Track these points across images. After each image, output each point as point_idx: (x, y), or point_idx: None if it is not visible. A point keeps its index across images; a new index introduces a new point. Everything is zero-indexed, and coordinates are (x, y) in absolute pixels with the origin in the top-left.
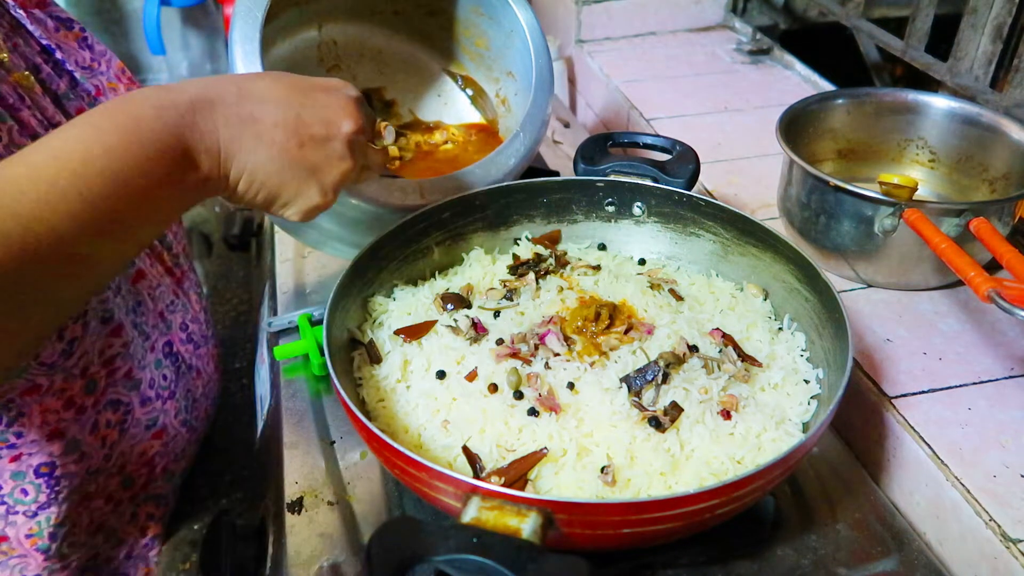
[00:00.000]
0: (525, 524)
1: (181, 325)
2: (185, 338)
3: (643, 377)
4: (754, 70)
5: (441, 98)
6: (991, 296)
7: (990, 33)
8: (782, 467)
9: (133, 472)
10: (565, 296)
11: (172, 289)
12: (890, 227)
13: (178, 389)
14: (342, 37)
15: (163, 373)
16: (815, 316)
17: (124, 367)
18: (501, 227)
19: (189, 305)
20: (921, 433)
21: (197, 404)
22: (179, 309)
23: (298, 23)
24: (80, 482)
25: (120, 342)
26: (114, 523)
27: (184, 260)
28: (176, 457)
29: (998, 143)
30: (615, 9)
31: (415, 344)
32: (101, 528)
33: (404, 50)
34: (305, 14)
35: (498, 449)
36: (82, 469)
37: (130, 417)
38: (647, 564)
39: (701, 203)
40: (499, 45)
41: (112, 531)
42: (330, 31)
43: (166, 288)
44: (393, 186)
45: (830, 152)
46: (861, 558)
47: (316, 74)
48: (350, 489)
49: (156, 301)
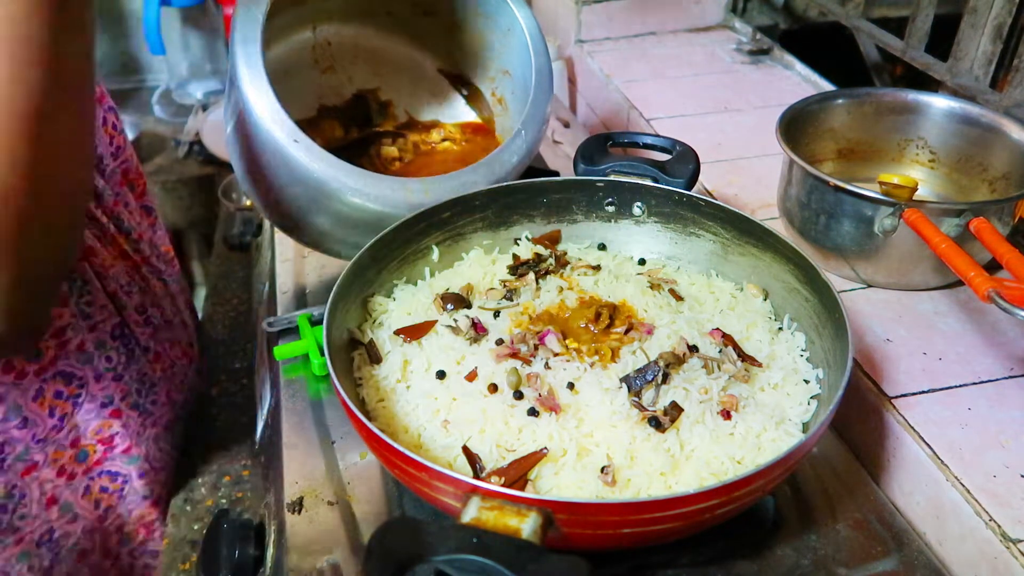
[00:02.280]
0: (525, 524)
1: (137, 308)
2: (142, 320)
3: (643, 377)
4: (754, 70)
5: (437, 98)
6: (991, 296)
7: (990, 33)
8: (782, 467)
9: (88, 447)
10: (565, 296)
11: (127, 272)
12: (890, 227)
13: (127, 371)
14: (336, 38)
15: (108, 355)
16: (815, 316)
17: (75, 339)
18: (501, 227)
19: (145, 292)
20: (921, 433)
21: (155, 388)
22: (135, 292)
23: (292, 25)
24: (25, 449)
25: (68, 312)
26: (68, 497)
27: (149, 248)
28: (135, 440)
29: (998, 143)
30: (615, 9)
31: (415, 344)
32: (53, 502)
33: (399, 50)
34: (299, 16)
35: (498, 449)
36: (27, 436)
37: (84, 391)
38: (647, 564)
39: (701, 203)
40: (496, 44)
41: (68, 504)
42: (324, 32)
43: (120, 269)
44: (396, 185)
45: (830, 152)
46: (861, 558)
47: (312, 76)
48: (350, 489)
49: (107, 280)
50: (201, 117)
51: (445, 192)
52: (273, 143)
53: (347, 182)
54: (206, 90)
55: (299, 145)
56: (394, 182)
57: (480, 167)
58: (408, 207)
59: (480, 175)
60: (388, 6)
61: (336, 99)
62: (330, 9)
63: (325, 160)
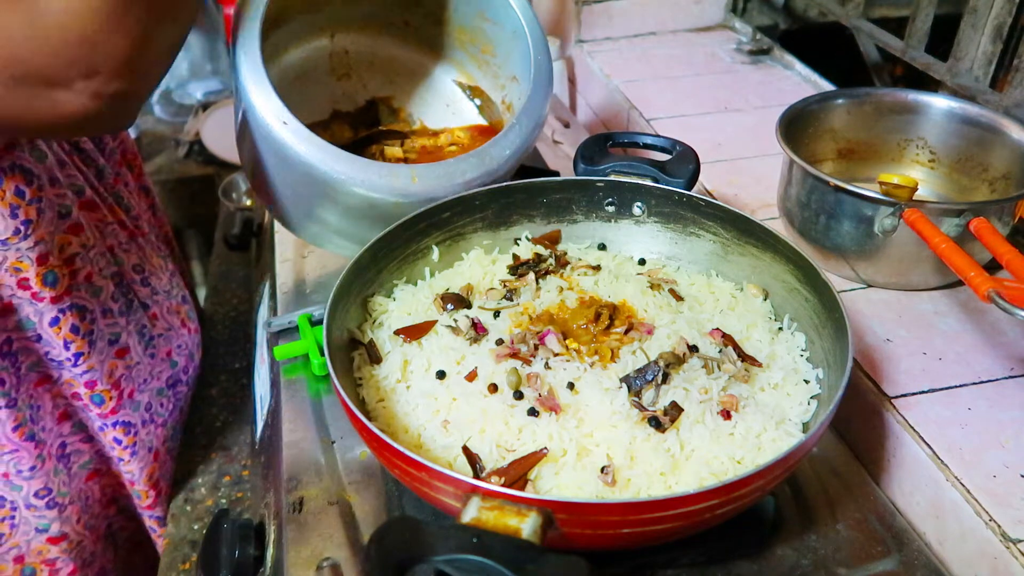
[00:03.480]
0: (525, 524)
1: (135, 267)
2: (139, 280)
3: (643, 377)
4: (754, 70)
5: (449, 108)
6: (991, 296)
7: (990, 33)
8: (782, 467)
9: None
10: (565, 296)
11: (127, 235)
12: (890, 227)
13: (126, 318)
14: (354, 47)
15: (112, 295)
16: (815, 316)
17: (84, 270)
18: (501, 227)
19: (143, 256)
20: (921, 433)
21: (154, 343)
22: (132, 251)
23: (310, 31)
24: (35, 360)
25: (78, 241)
26: (82, 416)
27: (147, 226)
28: (138, 385)
29: (998, 143)
30: (615, 9)
31: (415, 344)
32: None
33: (414, 60)
34: (317, 23)
35: (498, 449)
36: (41, 351)
37: (96, 327)
38: (647, 564)
39: (701, 203)
40: (504, 50)
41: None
42: (342, 40)
43: (117, 228)
44: (385, 171)
45: (830, 152)
46: (861, 558)
47: (327, 82)
48: (350, 489)
49: (105, 235)
50: (201, 117)
51: (433, 180)
52: (264, 127)
53: (335, 166)
54: (206, 90)
55: (287, 127)
56: (382, 167)
57: (470, 157)
58: (397, 193)
59: (474, 164)
60: (405, 15)
61: (349, 105)
62: (349, 17)
63: (314, 143)
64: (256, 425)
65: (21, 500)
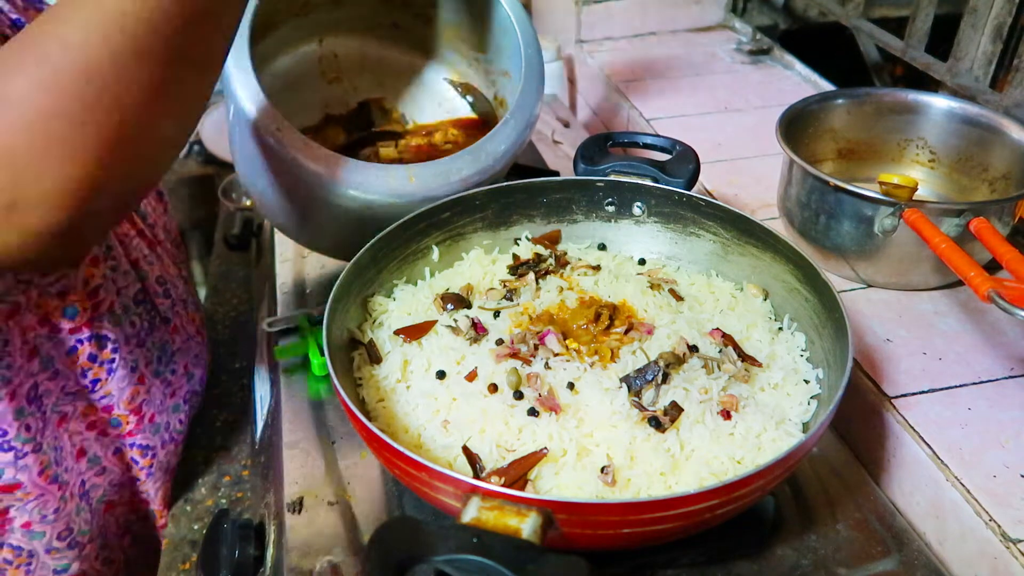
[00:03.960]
0: (525, 524)
1: (157, 279)
2: (161, 292)
3: (643, 377)
4: (754, 70)
5: (442, 106)
6: (991, 296)
7: (990, 33)
8: (782, 467)
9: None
10: (565, 296)
11: (147, 245)
12: (890, 227)
13: (150, 338)
14: (343, 50)
15: (132, 320)
16: (815, 316)
17: (107, 300)
18: (501, 227)
19: (163, 267)
20: (921, 433)
21: (174, 359)
22: (155, 262)
23: (299, 37)
24: (55, 400)
25: (99, 273)
26: (98, 451)
27: (163, 233)
28: (158, 409)
29: (998, 143)
30: (615, 9)
31: (415, 344)
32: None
33: (404, 60)
34: (305, 28)
35: (498, 449)
36: (57, 388)
37: (118, 356)
38: (647, 564)
39: (701, 203)
40: (494, 46)
41: (96, 457)
42: (331, 44)
43: (139, 241)
44: (380, 172)
45: (830, 152)
46: (861, 558)
47: (318, 86)
48: (350, 489)
49: (129, 249)
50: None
51: (430, 178)
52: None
53: (330, 169)
54: None
55: (281, 134)
56: (378, 169)
57: (465, 154)
58: (393, 194)
59: (469, 160)
60: (393, 17)
61: (341, 108)
62: (336, 21)
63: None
64: (256, 425)
65: (41, 547)
